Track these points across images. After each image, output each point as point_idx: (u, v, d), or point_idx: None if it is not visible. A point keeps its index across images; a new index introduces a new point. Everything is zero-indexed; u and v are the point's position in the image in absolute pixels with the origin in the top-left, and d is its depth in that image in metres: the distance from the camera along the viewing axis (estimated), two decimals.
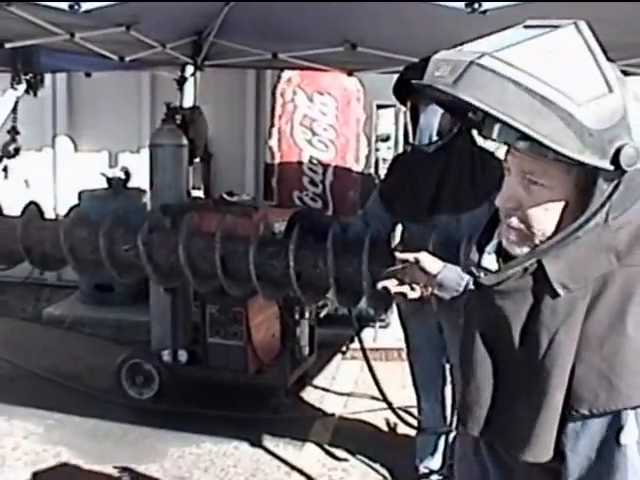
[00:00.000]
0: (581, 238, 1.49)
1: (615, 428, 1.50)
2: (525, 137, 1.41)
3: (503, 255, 1.64)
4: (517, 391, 1.59)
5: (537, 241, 1.55)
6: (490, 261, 1.66)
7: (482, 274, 1.63)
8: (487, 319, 1.63)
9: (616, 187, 1.46)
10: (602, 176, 1.45)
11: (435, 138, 3.68)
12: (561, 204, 1.52)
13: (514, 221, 1.57)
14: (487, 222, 1.70)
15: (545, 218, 1.53)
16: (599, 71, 1.43)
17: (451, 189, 3.74)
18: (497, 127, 1.47)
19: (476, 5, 3.05)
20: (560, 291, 1.52)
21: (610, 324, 1.51)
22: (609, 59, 1.47)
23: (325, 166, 7.34)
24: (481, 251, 1.67)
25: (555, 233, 1.53)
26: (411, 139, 3.83)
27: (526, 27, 1.54)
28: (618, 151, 1.42)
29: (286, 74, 7.24)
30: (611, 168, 1.42)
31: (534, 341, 1.55)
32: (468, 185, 3.68)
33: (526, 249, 1.57)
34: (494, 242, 1.67)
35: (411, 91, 3.73)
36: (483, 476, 1.81)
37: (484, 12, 3.11)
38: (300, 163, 7.37)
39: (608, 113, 1.42)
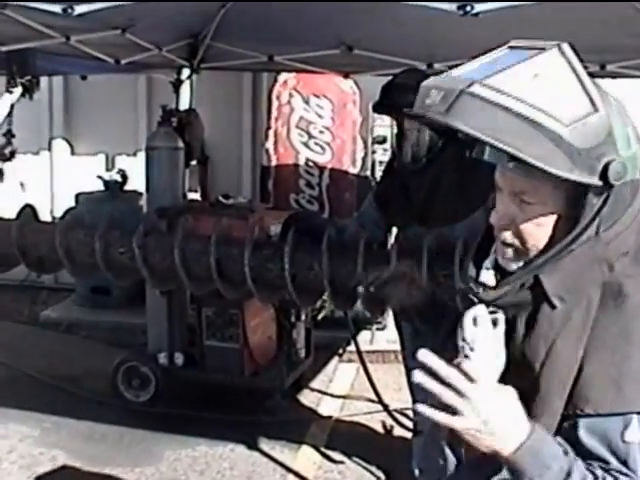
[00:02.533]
0: (575, 251, 1.52)
1: (620, 427, 1.52)
2: (515, 158, 1.45)
3: (501, 270, 1.66)
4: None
5: (532, 255, 1.58)
6: (488, 277, 1.68)
7: (480, 290, 1.65)
8: None
9: (605, 201, 1.50)
10: (592, 191, 1.48)
11: (423, 153, 3.73)
12: (553, 218, 1.55)
13: (508, 237, 1.60)
14: (482, 239, 1.71)
15: (538, 233, 1.56)
16: (584, 91, 1.47)
17: (441, 201, 3.76)
18: (487, 150, 1.52)
19: (468, 8, 3.05)
20: (557, 303, 1.55)
21: (620, 333, 1.54)
22: (592, 75, 1.55)
23: (321, 168, 7.35)
24: (479, 267, 1.69)
25: (548, 247, 1.56)
26: (398, 157, 3.89)
27: (511, 48, 1.57)
28: (606, 167, 1.45)
29: (282, 77, 7.25)
30: (600, 184, 1.46)
31: (533, 352, 1.58)
32: (458, 196, 3.68)
33: (521, 264, 1.60)
34: (491, 257, 1.69)
35: (393, 109, 3.78)
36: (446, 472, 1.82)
37: (476, 14, 3.11)
38: (296, 165, 7.37)
39: (594, 131, 1.46)
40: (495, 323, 1.56)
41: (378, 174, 6.91)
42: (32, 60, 4.76)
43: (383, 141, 7.27)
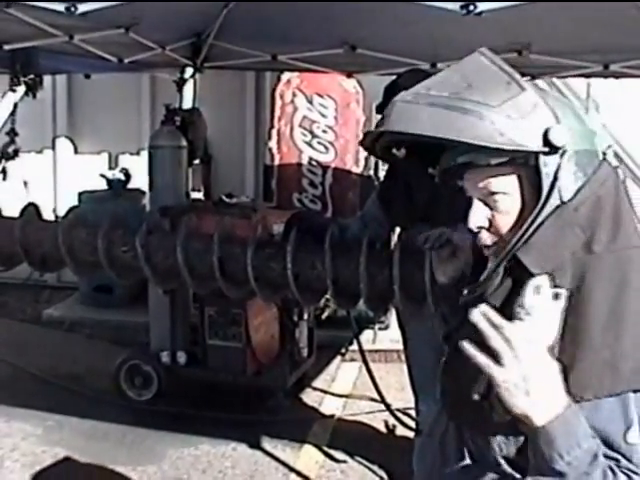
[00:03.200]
0: (544, 223, 1.57)
1: (622, 429, 1.52)
2: (463, 153, 1.59)
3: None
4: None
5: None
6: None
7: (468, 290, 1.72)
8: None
9: (559, 167, 1.56)
10: (542, 161, 1.56)
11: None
12: (520, 204, 1.62)
13: (487, 238, 1.67)
14: (477, 257, 1.78)
15: (511, 221, 1.63)
16: (508, 77, 1.59)
17: (445, 202, 3.75)
18: (442, 158, 1.66)
19: (471, 7, 3.05)
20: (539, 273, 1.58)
21: (610, 312, 1.55)
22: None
23: (324, 168, 7.34)
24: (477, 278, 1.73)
25: (517, 228, 1.62)
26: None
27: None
28: (546, 133, 1.54)
29: (285, 76, 7.25)
30: (545, 149, 1.55)
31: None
32: (462, 197, 3.68)
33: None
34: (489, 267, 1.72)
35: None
36: (444, 465, 1.85)
37: (479, 14, 3.11)
38: (299, 165, 7.37)
39: (526, 106, 1.56)
40: (557, 296, 1.56)
41: (381, 173, 6.91)
42: (35, 59, 4.76)
43: None
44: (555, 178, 1.56)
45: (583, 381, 1.53)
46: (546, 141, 1.54)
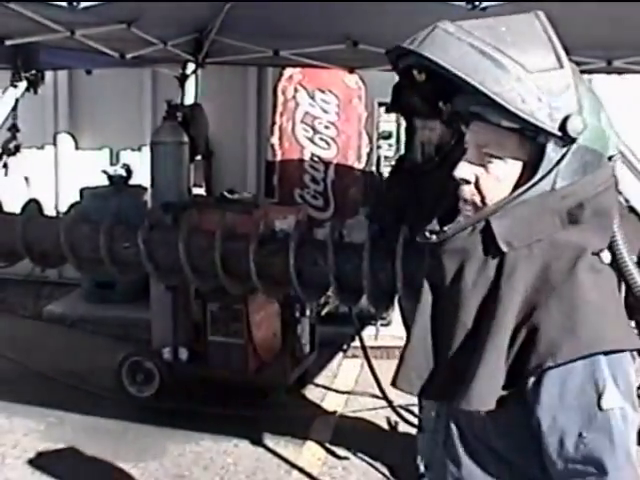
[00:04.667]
0: (527, 201, 1.57)
1: (596, 393, 1.53)
2: (479, 103, 1.54)
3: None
4: (459, 347, 1.63)
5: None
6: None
7: (432, 236, 1.72)
8: (436, 278, 1.69)
9: (564, 156, 1.55)
10: (551, 143, 1.54)
11: (432, 154, 3.74)
12: (514, 177, 1.61)
13: (467, 192, 1.66)
14: (453, 205, 1.76)
15: (498, 189, 1.62)
16: (552, 48, 1.55)
17: (451, 203, 3.75)
18: (457, 99, 1.60)
19: (477, 2, 3.05)
20: (504, 248, 1.58)
21: (563, 282, 1.57)
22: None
23: (326, 164, 7.34)
24: (442, 224, 1.74)
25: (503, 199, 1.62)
26: (409, 155, 3.92)
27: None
28: (566, 119, 1.52)
29: (287, 71, 7.25)
30: (559, 133, 1.53)
31: (477, 296, 1.61)
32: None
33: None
34: (458, 218, 1.73)
35: (405, 109, 3.80)
36: (453, 463, 1.83)
37: (484, 9, 3.11)
38: (301, 161, 7.37)
39: (558, 85, 1.53)
40: None
41: (383, 169, 6.91)
42: (37, 54, 4.75)
43: (388, 136, 7.27)
44: (556, 164, 1.55)
45: (543, 349, 1.54)
46: (563, 127, 1.52)
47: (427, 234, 1.73)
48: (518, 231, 1.58)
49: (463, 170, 1.66)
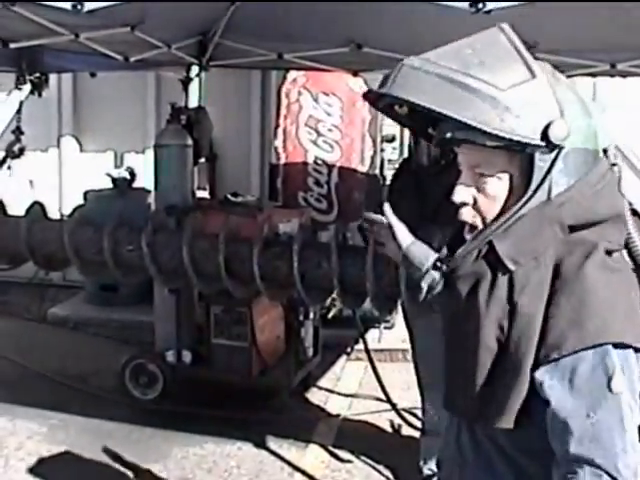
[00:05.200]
0: (526, 215, 1.59)
1: (606, 377, 1.54)
2: (461, 129, 1.56)
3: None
4: (489, 370, 1.65)
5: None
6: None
7: (441, 264, 1.78)
8: (450, 304, 1.74)
9: (553, 163, 1.57)
10: (538, 153, 1.56)
11: (438, 157, 3.76)
12: (507, 192, 1.64)
13: (467, 214, 1.69)
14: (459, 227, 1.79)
15: (496, 206, 1.65)
16: (521, 60, 1.56)
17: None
18: (441, 125, 1.62)
19: (480, 5, 3.05)
20: (511, 266, 1.61)
21: (573, 277, 1.59)
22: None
23: (330, 167, 7.33)
24: (452, 252, 1.76)
25: (500, 216, 1.64)
26: (415, 158, 3.94)
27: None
28: (547, 128, 1.53)
29: (291, 74, 7.24)
30: (542, 143, 1.54)
31: (497, 319, 1.63)
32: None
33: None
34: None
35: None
36: (463, 463, 1.85)
37: (488, 12, 3.11)
38: (305, 164, 7.36)
39: (533, 96, 1.54)
40: None
41: (387, 172, 6.91)
42: (41, 57, 4.76)
43: (392, 140, 7.26)
44: (547, 172, 1.57)
45: (550, 342, 1.56)
46: (545, 136, 1.53)
47: (438, 263, 1.78)
48: (522, 247, 1.61)
49: (460, 194, 1.68)
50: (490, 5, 3.05)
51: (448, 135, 1.61)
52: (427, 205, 3.85)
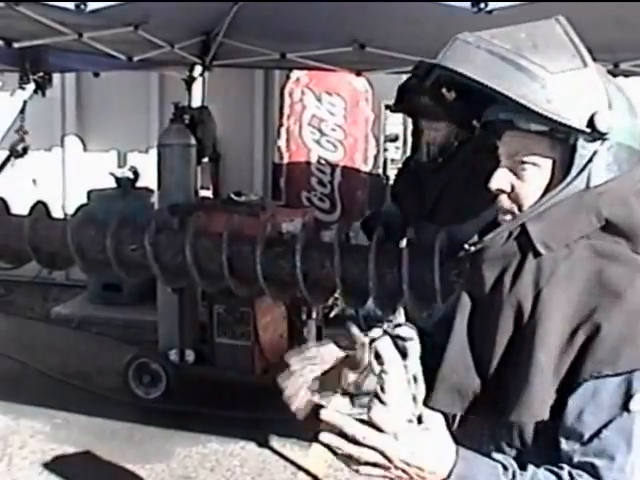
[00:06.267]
0: (563, 201, 1.57)
1: (626, 396, 1.50)
2: (507, 111, 1.56)
3: None
4: (503, 357, 1.62)
5: None
6: None
7: (470, 247, 1.70)
8: (475, 289, 1.69)
9: (595, 153, 1.55)
10: (581, 141, 1.54)
11: (437, 154, 3.76)
12: (548, 180, 1.60)
13: (505, 201, 1.65)
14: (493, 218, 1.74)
15: (534, 194, 1.61)
16: (575, 50, 1.56)
17: (454, 200, 3.76)
18: (487, 110, 1.62)
19: (482, 5, 3.05)
20: (542, 250, 1.58)
21: (626, 288, 1.54)
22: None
23: (333, 166, 7.34)
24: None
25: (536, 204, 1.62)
26: (414, 155, 3.95)
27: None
28: (594, 115, 1.51)
29: (294, 74, 7.25)
30: (587, 130, 1.52)
31: (519, 302, 1.60)
32: (472, 196, 3.68)
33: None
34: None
35: (410, 109, 3.82)
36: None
37: (490, 12, 3.11)
38: (308, 163, 7.37)
39: (583, 83, 1.53)
40: (405, 354, 1.50)
41: (390, 172, 6.92)
42: (45, 57, 4.76)
43: (395, 139, 7.28)
44: (588, 162, 1.55)
45: (600, 356, 1.51)
46: (591, 124, 1.52)
47: (466, 246, 1.71)
48: (555, 232, 1.58)
49: (498, 180, 1.65)
50: (492, 5, 3.06)
51: (493, 118, 1.61)
52: (425, 204, 3.86)
